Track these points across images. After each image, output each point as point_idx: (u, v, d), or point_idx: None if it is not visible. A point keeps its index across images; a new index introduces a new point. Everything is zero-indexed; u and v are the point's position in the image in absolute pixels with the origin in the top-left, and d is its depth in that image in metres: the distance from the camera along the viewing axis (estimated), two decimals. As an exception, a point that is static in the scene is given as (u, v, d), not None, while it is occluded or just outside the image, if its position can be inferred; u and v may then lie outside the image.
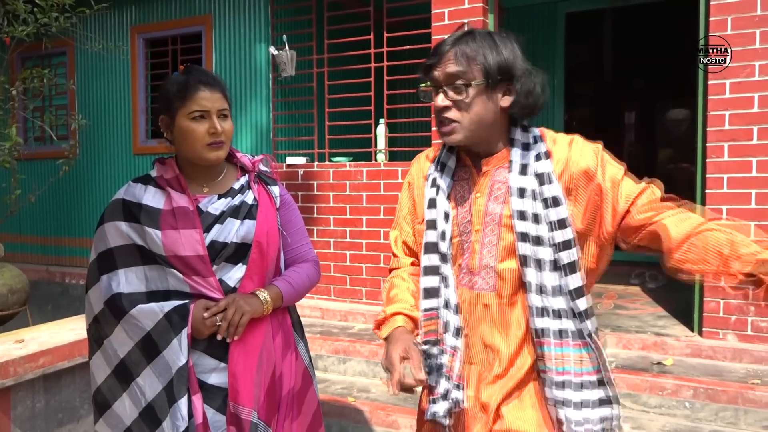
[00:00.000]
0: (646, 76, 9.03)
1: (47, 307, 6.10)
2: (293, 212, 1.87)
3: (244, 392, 1.65)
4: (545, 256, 1.42)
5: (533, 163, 1.45)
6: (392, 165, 4.64)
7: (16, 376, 2.57)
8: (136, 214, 1.68)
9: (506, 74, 1.43)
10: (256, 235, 1.70)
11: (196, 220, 1.66)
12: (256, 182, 1.80)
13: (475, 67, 1.41)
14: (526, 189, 1.44)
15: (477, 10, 4.17)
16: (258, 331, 1.71)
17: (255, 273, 1.72)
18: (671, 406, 3.22)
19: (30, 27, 4.17)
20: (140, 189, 1.72)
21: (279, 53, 4.99)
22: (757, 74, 3.45)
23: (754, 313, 3.51)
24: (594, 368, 1.44)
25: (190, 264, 1.65)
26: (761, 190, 3.46)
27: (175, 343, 1.61)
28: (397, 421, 3.28)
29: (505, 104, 1.45)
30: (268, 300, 1.70)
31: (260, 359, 1.69)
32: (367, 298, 4.70)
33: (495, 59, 1.41)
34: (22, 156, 5.22)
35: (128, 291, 1.66)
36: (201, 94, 1.66)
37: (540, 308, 1.43)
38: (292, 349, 1.82)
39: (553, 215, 1.42)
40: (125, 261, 1.68)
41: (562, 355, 1.43)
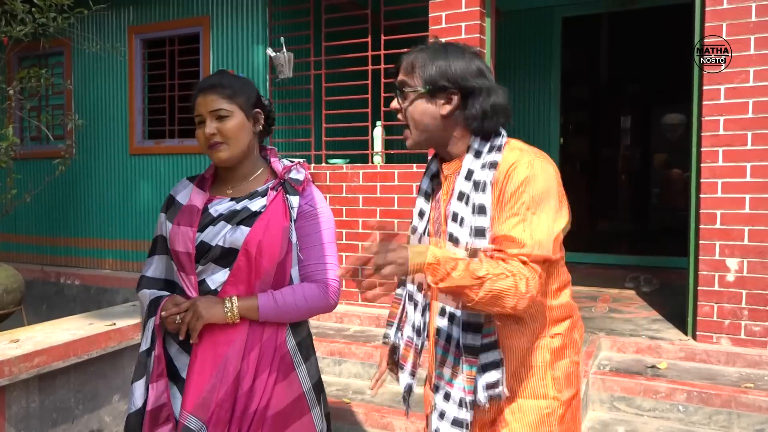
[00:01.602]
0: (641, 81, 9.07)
1: (42, 307, 6.08)
2: (313, 227, 1.75)
3: (188, 396, 1.65)
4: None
5: (478, 170, 1.48)
6: (389, 167, 4.65)
7: (11, 376, 2.56)
8: (169, 208, 1.82)
9: (449, 85, 1.48)
10: (245, 242, 1.65)
11: (195, 219, 1.72)
12: (276, 190, 1.75)
13: (417, 76, 1.50)
14: (464, 193, 1.49)
15: (474, 14, 4.19)
16: (226, 339, 1.67)
17: (240, 280, 1.68)
18: (665, 410, 3.23)
19: (28, 27, 4.16)
20: (183, 185, 1.85)
21: (276, 55, 5.00)
22: (752, 80, 3.48)
23: (747, 317, 3.53)
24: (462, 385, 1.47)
25: (180, 259, 1.72)
26: (755, 195, 3.48)
27: (146, 329, 1.73)
28: (392, 423, 3.29)
29: (443, 112, 1.50)
30: (233, 310, 1.64)
31: (221, 367, 1.64)
32: (362, 299, 4.70)
33: (437, 70, 1.48)
34: (19, 155, 5.21)
35: (149, 275, 1.81)
36: (198, 100, 1.74)
37: (442, 307, 1.52)
38: (276, 368, 1.69)
39: (475, 222, 1.45)
40: (160, 249, 1.82)
41: (444, 359, 1.53)
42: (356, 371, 3.94)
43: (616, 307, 4.62)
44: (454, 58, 1.49)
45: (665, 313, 4.34)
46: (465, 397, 1.46)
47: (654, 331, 3.93)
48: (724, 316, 3.58)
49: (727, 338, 3.59)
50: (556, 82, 6.53)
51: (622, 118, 9.46)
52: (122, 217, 5.99)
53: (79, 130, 5.74)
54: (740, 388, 3.17)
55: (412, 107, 1.52)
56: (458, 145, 1.55)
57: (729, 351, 3.51)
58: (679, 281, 4.69)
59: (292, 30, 5.23)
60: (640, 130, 9.25)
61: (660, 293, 5.06)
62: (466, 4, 4.21)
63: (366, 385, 3.82)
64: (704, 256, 3.61)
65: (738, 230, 3.53)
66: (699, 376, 3.36)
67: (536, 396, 1.51)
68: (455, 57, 1.49)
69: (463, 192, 1.49)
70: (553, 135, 6.51)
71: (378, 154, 4.90)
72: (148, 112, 6.00)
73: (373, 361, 3.92)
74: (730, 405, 3.12)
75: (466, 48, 1.54)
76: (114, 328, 3.08)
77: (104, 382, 3.09)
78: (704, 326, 3.64)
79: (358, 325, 4.48)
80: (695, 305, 3.68)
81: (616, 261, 6.26)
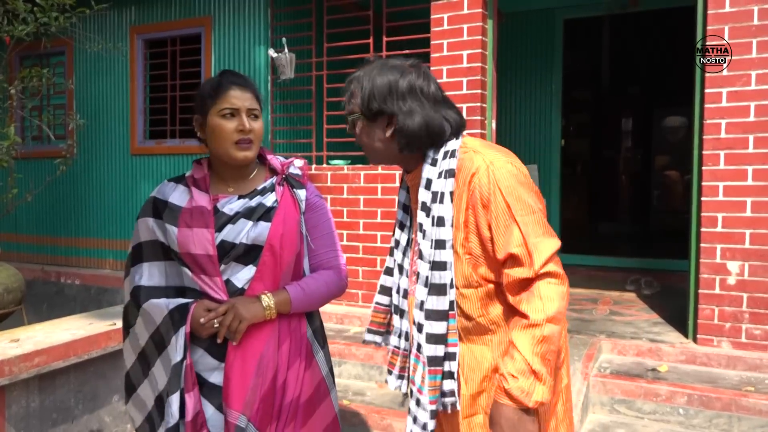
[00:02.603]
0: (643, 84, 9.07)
1: (42, 307, 6.08)
2: (321, 217, 1.85)
3: (234, 396, 1.65)
4: (422, 271, 1.48)
5: (435, 179, 1.48)
6: (390, 169, 4.64)
7: (11, 376, 2.56)
8: (161, 211, 1.75)
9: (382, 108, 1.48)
10: (269, 237, 1.69)
11: (210, 220, 1.69)
12: (282, 185, 1.79)
13: (355, 104, 1.53)
14: (426, 203, 1.49)
15: (476, 15, 4.19)
16: (260, 336, 1.69)
17: (266, 275, 1.71)
18: (665, 413, 3.23)
19: (30, 26, 4.16)
20: (170, 188, 1.79)
21: (278, 56, 5.00)
22: (754, 83, 3.48)
23: (748, 321, 3.53)
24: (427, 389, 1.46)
25: (199, 262, 1.68)
26: (757, 199, 3.48)
27: (173, 340, 1.66)
28: (392, 425, 3.28)
29: (387, 134, 1.51)
30: (271, 306, 1.68)
31: (259, 364, 1.67)
32: (363, 301, 4.71)
33: (368, 95, 1.49)
34: (20, 155, 5.21)
35: (148, 284, 1.74)
36: (232, 93, 1.71)
37: (413, 316, 1.52)
38: (303, 357, 1.78)
39: (435, 234, 1.45)
40: (150, 255, 1.76)
41: (416, 366, 1.53)
42: (356, 372, 3.94)
43: (617, 310, 4.61)
44: (380, 78, 1.48)
45: (666, 316, 4.34)
46: (429, 406, 1.46)
47: (655, 333, 3.93)
48: (725, 319, 3.58)
49: (727, 341, 3.58)
50: (557, 84, 6.53)
51: (624, 121, 9.46)
52: (123, 217, 5.99)
53: (80, 129, 5.74)
54: (741, 392, 3.16)
55: (361, 134, 1.55)
56: (413, 159, 1.56)
57: (730, 354, 3.51)
58: (680, 284, 4.68)
59: (294, 31, 5.23)
60: (642, 132, 9.25)
61: (661, 296, 5.05)
62: (468, 6, 4.21)
63: (366, 386, 3.82)
64: (705, 259, 3.61)
65: (739, 233, 3.52)
66: (699, 379, 3.36)
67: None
68: (382, 77, 1.49)
69: (425, 202, 1.49)
70: (554, 137, 6.50)
71: (379, 155, 4.89)
72: (150, 112, 6.01)
73: (373, 363, 3.91)
74: (730, 408, 3.11)
75: (398, 65, 1.51)
76: (114, 328, 3.08)
77: (104, 383, 3.08)
78: (705, 329, 3.63)
79: (359, 327, 4.48)
80: (696, 308, 3.67)
81: (617, 263, 6.26)
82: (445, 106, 1.52)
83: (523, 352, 1.35)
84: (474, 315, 1.48)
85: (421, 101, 1.48)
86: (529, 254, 1.38)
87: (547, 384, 1.36)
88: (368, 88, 1.49)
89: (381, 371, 3.87)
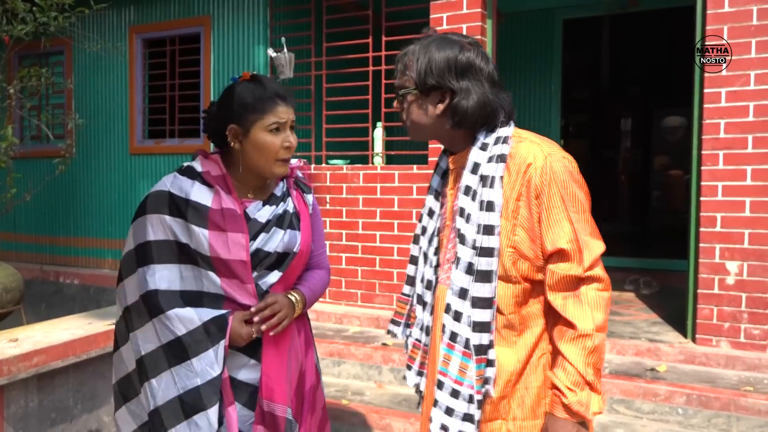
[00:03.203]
0: (642, 84, 9.08)
1: (41, 306, 6.08)
2: (319, 219, 1.91)
3: (278, 390, 1.67)
4: (464, 256, 1.43)
5: (485, 164, 1.43)
6: (389, 168, 4.64)
7: (10, 375, 2.56)
8: (182, 210, 1.63)
9: (437, 83, 1.44)
10: (301, 245, 1.75)
11: (244, 225, 1.64)
12: (295, 189, 1.82)
13: (410, 78, 1.48)
14: (471, 187, 1.44)
15: (475, 15, 4.19)
16: (287, 330, 1.74)
17: (288, 279, 1.78)
18: (664, 412, 3.23)
19: (29, 26, 4.16)
20: (188, 183, 1.66)
21: (277, 55, 5.00)
22: (753, 83, 3.48)
23: (747, 321, 3.53)
24: (471, 382, 1.42)
25: (232, 268, 1.63)
26: (756, 198, 3.48)
27: (210, 353, 1.59)
28: (391, 425, 3.28)
29: (437, 112, 1.47)
30: (300, 307, 1.75)
31: (289, 357, 1.74)
32: (362, 300, 4.70)
33: (424, 69, 1.44)
34: (18, 154, 5.21)
35: (164, 288, 1.62)
36: (281, 108, 1.66)
37: (448, 304, 1.47)
38: (311, 346, 1.89)
39: (483, 219, 1.40)
40: (162, 257, 1.64)
41: (449, 356, 1.45)
42: (355, 372, 3.94)
43: (616, 310, 4.61)
44: (440, 53, 1.44)
45: (665, 316, 4.34)
46: (474, 395, 1.42)
47: (653, 333, 3.93)
48: (723, 319, 3.58)
49: (726, 341, 3.58)
50: (556, 84, 6.53)
51: (623, 121, 9.47)
52: (122, 217, 5.98)
53: (79, 129, 5.74)
54: (739, 391, 3.17)
55: (409, 109, 1.50)
56: (461, 139, 1.51)
57: (728, 354, 3.51)
58: (678, 284, 4.68)
59: (293, 30, 5.22)
60: (641, 132, 9.26)
61: (660, 296, 5.05)
62: (467, 6, 4.21)
63: (365, 386, 3.82)
64: (704, 259, 3.61)
65: (738, 233, 3.52)
66: (698, 379, 3.36)
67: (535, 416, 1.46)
68: (441, 52, 1.44)
69: (470, 186, 1.44)
70: (553, 137, 6.49)
71: (378, 155, 4.90)
72: (149, 112, 6.00)
73: (372, 363, 3.91)
74: (729, 408, 3.11)
75: (456, 40, 1.47)
76: (113, 327, 3.08)
77: (103, 382, 3.08)
78: (704, 329, 3.63)
79: (358, 326, 4.48)
80: (695, 308, 3.67)
81: (616, 263, 6.25)
82: (500, 89, 1.48)
83: (575, 364, 1.35)
84: (505, 311, 1.44)
85: (479, 80, 1.44)
86: (579, 251, 1.37)
87: (602, 394, 1.38)
88: (425, 61, 1.44)
89: (380, 371, 3.87)
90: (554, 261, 1.39)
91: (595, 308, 1.36)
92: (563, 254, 1.37)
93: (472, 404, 1.43)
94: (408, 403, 3.52)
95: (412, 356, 1.70)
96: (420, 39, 1.50)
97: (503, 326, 1.45)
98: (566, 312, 1.37)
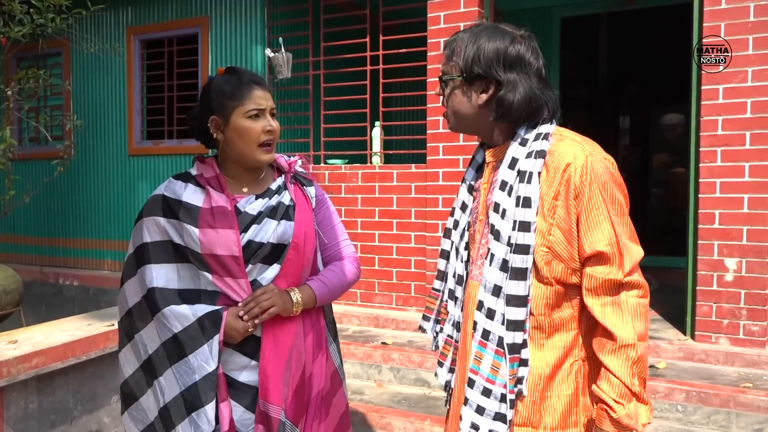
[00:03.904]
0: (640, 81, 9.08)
1: (41, 308, 6.08)
2: (328, 211, 1.88)
3: (273, 390, 1.66)
4: (498, 253, 1.39)
5: (523, 159, 1.40)
6: (387, 168, 4.65)
7: (9, 377, 2.56)
8: (175, 211, 1.69)
9: (484, 73, 1.41)
10: (294, 236, 1.70)
11: (234, 221, 1.66)
12: (292, 183, 1.81)
13: (455, 64, 1.44)
14: (507, 182, 1.41)
15: (473, 14, 4.19)
16: (289, 330, 1.70)
17: (289, 273, 1.72)
18: (664, 410, 3.23)
19: (26, 27, 4.16)
20: (180, 186, 1.72)
21: (275, 55, 5.00)
22: (750, 80, 3.48)
23: (746, 317, 3.53)
24: (503, 381, 1.39)
25: (224, 264, 1.65)
26: (754, 195, 3.48)
27: (205, 348, 1.61)
28: (391, 423, 3.29)
29: (480, 102, 1.44)
30: (299, 301, 1.69)
31: (290, 358, 1.69)
32: (361, 300, 4.71)
33: (472, 57, 1.41)
34: (17, 156, 5.21)
35: (161, 286, 1.67)
36: (257, 93, 1.69)
37: (480, 301, 1.43)
38: (323, 350, 1.80)
39: (519, 215, 1.37)
40: (159, 257, 1.69)
41: (481, 354, 1.42)
42: (355, 371, 3.94)
43: (615, 307, 4.61)
44: (490, 43, 1.40)
45: (664, 313, 4.35)
46: (507, 394, 1.39)
47: (653, 330, 3.93)
48: (722, 315, 3.58)
49: (725, 338, 3.59)
50: (554, 83, 6.53)
51: (621, 119, 9.47)
52: (121, 218, 5.98)
53: (77, 130, 5.74)
54: (739, 388, 3.17)
55: (451, 96, 1.47)
56: (501, 133, 1.48)
57: (728, 351, 3.51)
58: (677, 281, 4.68)
59: (291, 30, 5.22)
60: (639, 130, 9.26)
61: (659, 293, 5.05)
62: (464, 5, 4.21)
63: (365, 385, 3.82)
64: (703, 256, 3.61)
65: (736, 230, 3.53)
66: (698, 376, 3.36)
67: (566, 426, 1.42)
68: (491, 41, 1.40)
69: (506, 181, 1.40)
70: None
71: (377, 154, 4.90)
72: (147, 113, 6.00)
73: (372, 362, 3.92)
74: (728, 405, 3.12)
75: (509, 31, 1.44)
76: (112, 329, 3.08)
77: (103, 383, 3.08)
78: (703, 326, 3.64)
79: (357, 326, 4.48)
80: (694, 305, 3.68)
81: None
82: (547, 86, 1.45)
83: (620, 376, 1.31)
84: (535, 312, 1.40)
85: (527, 74, 1.41)
86: (620, 254, 1.33)
87: (649, 404, 1.34)
88: (473, 49, 1.40)
89: (380, 370, 3.88)
90: (592, 264, 1.35)
91: (636, 317, 1.33)
92: (602, 257, 1.34)
93: (504, 403, 1.39)
94: (408, 402, 3.53)
95: (443, 353, 1.65)
96: (471, 27, 1.48)
97: (532, 327, 1.41)
98: (605, 320, 1.33)
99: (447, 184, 4.30)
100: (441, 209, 4.32)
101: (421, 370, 3.76)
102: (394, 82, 4.91)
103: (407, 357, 3.84)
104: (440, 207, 4.34)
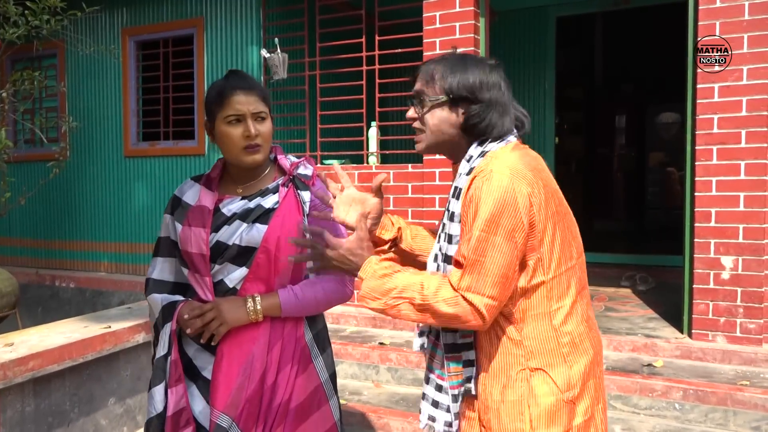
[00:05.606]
0: (636, 80, 9.10)
1: (37, 311, 6.06)
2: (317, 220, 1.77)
3: (218, 395, 1.67)
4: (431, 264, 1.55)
5: (461, 176, 1.51)
6: (384, 168, 4.64)
7: (6, 380, 2.55)
8: (175, 209, 1.81)
9: (469, 96, 1.50)
10: (264, 239, 1.67)
11: (207, 220, 1.72)
12: (287, 186, 1.76)
13: (437, 86, 1.53)
14: (448, 198, 1.55)
15: (468, 13, 4.19)
16: (251, 336, 1.69)
17: (259, 278, 1.70)
18: (661, 408, 3.24)
19: (21, 29, 4.15)
20: (188, 186, 1.83)
21: (271, 56, 4.99)
22: (745, 78, 3.49)
23: (742, 315, 3.54)
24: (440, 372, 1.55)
25: (193, 261, 1.72)
26: (750, 193, 3.49)
27: (163, 334, 1.74)
28: (389, 424, 3.29)
29: (461, 121, 1.52)
30: (257, 309, 1.66)
31: (248, 364, 1.67)
32: (359, 300, 4.70)
33: (458, 81, 1.50)
34: (12, 158, 5.19)
35: (156, 277, 1.83)
36: (235, 98, 1.69)
37: None
38: (297, 361, 1.73)
39: (449, 229, 1.48)
40: (164, 251, 1.84)
41: (434, 353, 1.58)
42: (353, 372, 3.94)
43: (612, 306, 4.62)
44: (472, 70, 1.51)
45: (661, 312, 4.35)
46: (453, 391, 1.52)
47: (650, 329, 3.94)
48: (719, 314, 3.59)
49: (722, 336, 3.60)
50: (550, 82, 6.54)
51: (617, 118, 9.49)
52: (117, 220, 5.97)
53: (73, 132, 5.72)
54: (736, 386, 3.18)
55: (430, 115, 1.54)
56: (463, 150, 1.57)
57: (725, 349, 3.52)
58: (674, 279, 4.70)
59: (287, 31, 5.22)
60: (635, 129, 9.28)
61: (656, 292, 5.07)
62: (460, 4, 4.21)
63: (363, 385, 3.82)
64: (699, 254, 3.62)
65: (732, 228, 3.54)
66: (695, 374, 3.37)
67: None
68: (473, 69, 1.52)
69: (448, 198, 1.54)
70: (548, 135, 6.52)
71: (373, 154, 4.90)
72: (143, 114, 5.99)
73: (369, 362, 3.92)
74: (726, 403, 3.12)
75: (484, 60, 1.57)
76: (109, 331, 3.08)
77: (100, 386, 3.08)
78: (700, 324, 3.65)
79: (355, 326, 4.48)
80: (691, 303, 3.69)
81: (612, 260, 6.27)
82: (516, 106, 1.57)
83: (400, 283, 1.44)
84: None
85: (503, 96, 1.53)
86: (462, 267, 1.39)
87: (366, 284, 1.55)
88: (458, 75, 1.51)
89: (377, 370, 3.88)
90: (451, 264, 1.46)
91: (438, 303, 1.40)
92: (456, 263, 1.43)
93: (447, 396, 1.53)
94: (406, 403, 3.52)
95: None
96: (445, 56, 1.58)
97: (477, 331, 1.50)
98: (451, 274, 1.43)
99: (444, 184, 4.30)
100: (438, 209, 4.32)
101: (419, 370, 3.76)
102: (391, 82, 4.90)
103: (405, 357, 3.84)
104: (437, 207, 4.33)
